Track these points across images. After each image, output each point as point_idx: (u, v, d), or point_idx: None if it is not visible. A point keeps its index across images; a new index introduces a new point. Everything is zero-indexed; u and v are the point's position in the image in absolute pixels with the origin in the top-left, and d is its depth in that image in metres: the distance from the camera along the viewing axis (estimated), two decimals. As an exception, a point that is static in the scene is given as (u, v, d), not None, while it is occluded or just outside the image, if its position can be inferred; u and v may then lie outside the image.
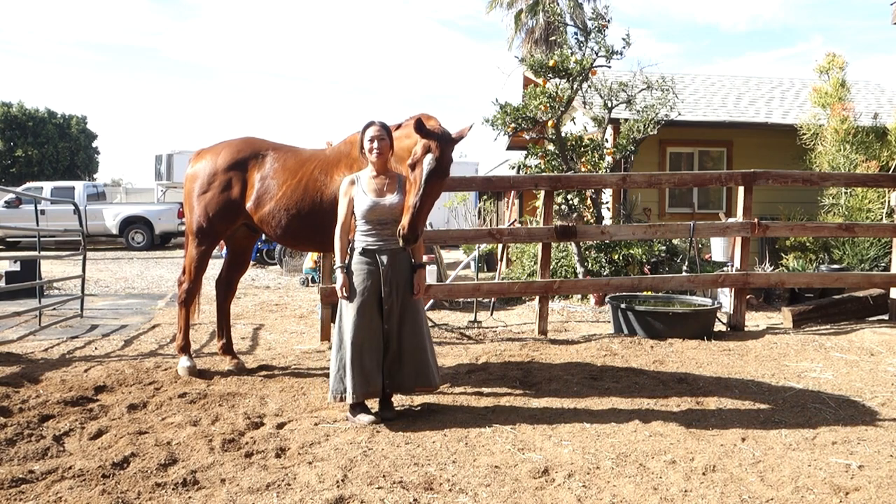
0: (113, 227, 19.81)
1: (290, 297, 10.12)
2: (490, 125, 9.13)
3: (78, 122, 37.09)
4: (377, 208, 4.10)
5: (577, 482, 3.29)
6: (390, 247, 4.14)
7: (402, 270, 4.19)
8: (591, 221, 9.48)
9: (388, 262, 4.12)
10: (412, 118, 4.41)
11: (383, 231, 4.14)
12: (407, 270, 4.22)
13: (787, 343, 6.33)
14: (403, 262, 4.20)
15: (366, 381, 4.08)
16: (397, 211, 4.09)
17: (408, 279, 4.22)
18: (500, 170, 18.91)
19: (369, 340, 4.11)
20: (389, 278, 4.13)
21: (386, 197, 4.14)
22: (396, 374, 4.20)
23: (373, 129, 4.21)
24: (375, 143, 4.17)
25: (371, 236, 4.15)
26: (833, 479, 3.33)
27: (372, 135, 4.20)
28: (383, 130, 4.22)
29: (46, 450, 3.64)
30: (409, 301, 4.20)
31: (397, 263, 4.16)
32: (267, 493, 3.14)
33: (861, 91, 13.68)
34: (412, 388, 4.28)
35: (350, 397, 4.08)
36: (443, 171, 3.99)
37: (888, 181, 7.99)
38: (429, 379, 4.24)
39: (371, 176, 4.22)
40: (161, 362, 5.65)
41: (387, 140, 4.21)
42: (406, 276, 4.21)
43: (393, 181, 4.21)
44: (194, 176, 5.23)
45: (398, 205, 4.10)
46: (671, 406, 4.49)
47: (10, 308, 7.61)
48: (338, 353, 4.17)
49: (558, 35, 12.21)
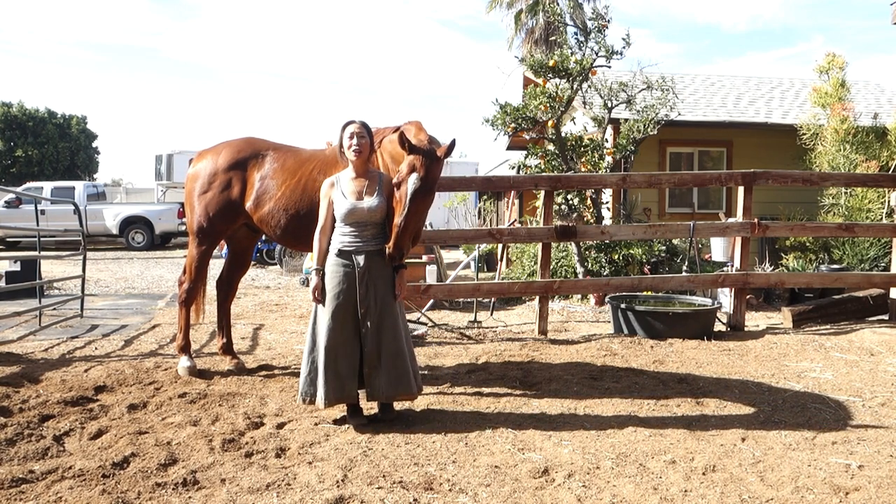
0: (113, 227, 19.81)
1: (290, 297, 10.13)
2: (490, 125, 9.13)
3: (78, 122, 37.08)
4: (356, 212, 4.00)
5: (577, 482, 3.29)
6: (368, 248, 4.03)
7: (380, 272, 4.05)
8: (591, 221, 9.48)
9: (364, 264, 4.00)
10: (410, 123, 4.41)
11: (363, 232, 4.04)
12: (387, 271, 4.08)
13: (787, 343, 6.33)
14: (382, 263, 4.05)
15: (340, 386, 3.98)
16: (377, 214, 4.02)
17: (387, 281, 4.08)
18: (500, 170, 18.91)
19: (343, 345, 4.00)
20: (366, 280, 4.00)
21: (365, 200, 4.02)
22: (375, 381, 4.04)
23: (353, 126, 4.10)
24: (355, 140, 4.05)
25: (349, 237, 4.04)
26: (833, 479, 3.33)
27: (352, 131, 4.07)
28: (364, 129, 4.10)
29: (46, 450, 3.64)
30: (388, 304, 4.05)
31: (375, 264, 4.03)
32: (267, 493, 3.14)
33: (861, 91, 13.69)
34: (392, 397, 4.09)
35: (322, 402, 3.98)
36: (428, 190, 3.95)
37: (888, 181, 7.99)
38: (409, 386, 4.08)
39: (351, 178, 4.11)
40: (161, 362, 5.65)
41: (367, 139, 4.09)
42: (385, 277, 4.07)
43: (373, 182, 4.08)
44: (195, 176, 5.25)
45: (378, 208, 4.01)
46: (671, 406, 4.49)
47: (10, 308, 7.61)
48: (310, 356, 4.06)
49: (558, 35, 12.21)
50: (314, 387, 4.03)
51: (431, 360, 5.75)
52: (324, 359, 3.97)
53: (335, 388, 3.97)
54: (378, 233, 4.08)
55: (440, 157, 4.00)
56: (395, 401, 4.20)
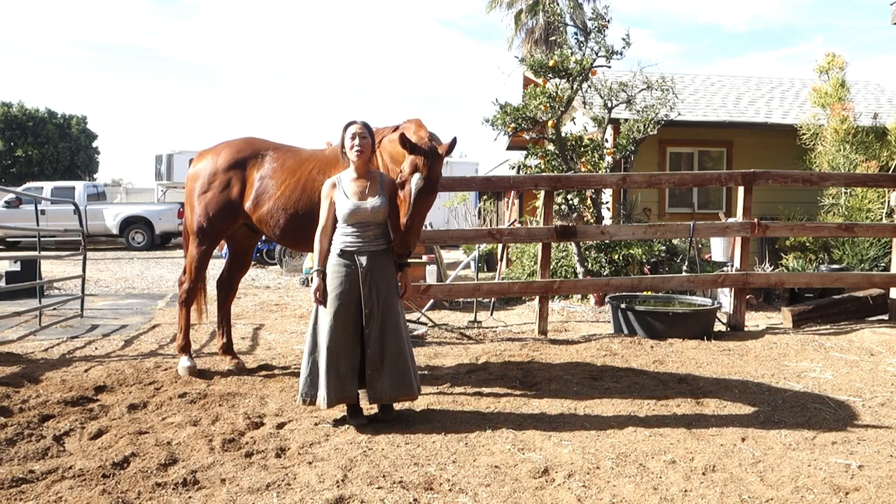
0: (113, 227, 19.81)
1: (291, 297, 10.13)
2: (490, 125, 9.13)
3: (78, 122, 37.06)
4: (359, 212, 4.00)
5: (577, 482, 3.29)
6: (370, 248, 4.04)
7: (383, 271, 4.06)
8: (591, 221, 9.48)
9: (367, 264, 4.00)
10: (410, 121, 4.42)
11: (365, 233, 4.04)
12: (389, 271, 4.10)
13: (787, 343, 6.33)
14: (385, 262, 4.08)
15: (341, 387, 3.98)
16: (380, 214, 4.03)
17: (390, 281, 4.08)
18: (500, 170, 18.91)
19: (345, 345, 4.00)
20: (369, 280, 4.00)
21: (368, 200, 4.02)
22: (377, 384, 4.03)
23: (354, 126, 4.09)
24: (357, 141, 4.04)
25: (351, 237, 4.04)
26: (833, 479, 3.33)
27: (354, 131, 4.07)
28: (365, 129, 4.10)
29: (46, 450, 3.64)
30: (391, 305, 4.05)
31: (378, 264, 4.04)
32: (267, 493, 3.14)
33: (861, 91, 13.69)
34: (395, 398, 4.10)
35: (323, 403, 3.98)
36: (431, 188, 3.99)
37: (888, 181, 7.99)
38: (410, 387, 4.08)
39: (352, 178, 4.11)
40: (161, 362, 5.65)
41: (368, 139, 4.08)
42: (388, 277, 4.08)
43: (375, 183, 4.09)
44: (195, 176, 5.25)
45: (381, 208, 4.02)
46: (671, 406, 4.49)
47: (11, 308, 7.61)
48: (310, 357, 4.05)
49: (558, 35, 12.21)
50: (315, 387, 4.03)
51: (431, 360, 5.75)
52: (326, 359, 3.96)
53: (336, 388, 3.97)
54: (380, 233, 4.09)
55: (442, 156, 4.03)
56: (397, 402, 4.20)
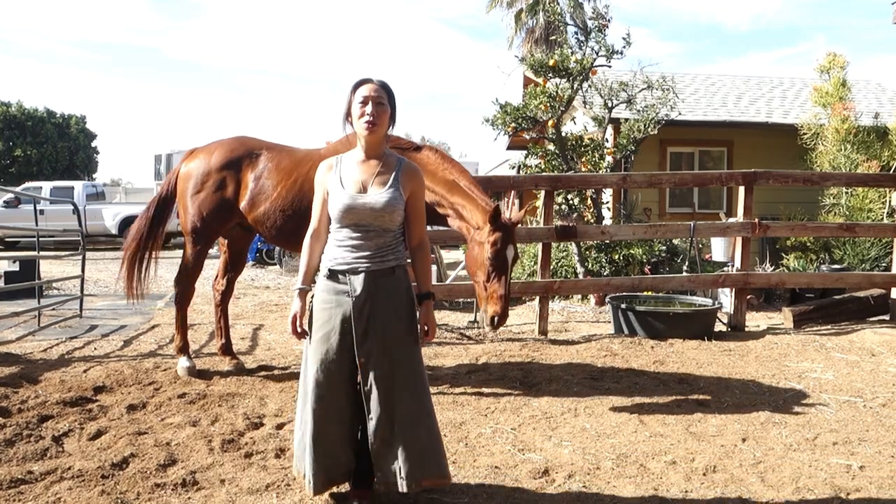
0: (112, 227, 19.77)
1: (290, 297, 10.11)
2: (490, 125, 9.14)
3: (77, 121, 37.06)
4: (354, 209, 2.78)
5: (578, 483, 3.28)
6: (369, 265, 2.79)
7: (387, 301, 2.80)
8: (591, 221, 9.47)
9: (363, 290, 2.77)
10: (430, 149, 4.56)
11: (365, 241, 2.80)
12: (398, 301, 2.83)
13: (788, 343, 6.32)
14: (393, 287, 2.82)
15: (332, 465, 2.86)
16: (385, 215, 2.80)
17: (400, 315, 2.83)
18: (500, 170, 18.91)
19: (338, 410, 2.85)
20: (366, 314, 2.77)
21: (369, 192, 2.81)
22: (387, 460, 2.82)
23: (368, 87, 2.84)
24: (370, 108, 2.79)
25: (343, 248, 2.82)
26: (834, 480, 3.32)
27: (366, 94, 2.81)
28: (383, 93, 2.84)
29: (45, 450, 3.63)
30: (402, 349, 2.82)
31: (381, 291, 2.79)
32: (267, 494, 3.13)
33: (862, 91, 13.68)
34: (417, 481, 2.80)
35: (309, 488, 2.86)
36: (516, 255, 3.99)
37: (889, 181, 7.99)
38: (440, 467, 2.86)
39: (358, 160, 2.89)
40: (160, 363, 5.64)
41: (387, 107, 2.85)
42: (398, 310, 2.83)
43: (388, 171, 2.87)
44: (188, 175, 5.22)
45: (387, 204, 2.78)
46: (671, 406, 4.48)
47: (9, 308, 7.60)
48: (301, 412, 2.93)
49: (558, 35, 12.21)
50: (303, 461, 2.91)
51: (431, 360, 5.74)
52: (312, 427, 2.83)
53: (324, 467, 2.85)
54: (388, 243, 2.85)
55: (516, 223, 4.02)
56: (419, 488, 2.86)
